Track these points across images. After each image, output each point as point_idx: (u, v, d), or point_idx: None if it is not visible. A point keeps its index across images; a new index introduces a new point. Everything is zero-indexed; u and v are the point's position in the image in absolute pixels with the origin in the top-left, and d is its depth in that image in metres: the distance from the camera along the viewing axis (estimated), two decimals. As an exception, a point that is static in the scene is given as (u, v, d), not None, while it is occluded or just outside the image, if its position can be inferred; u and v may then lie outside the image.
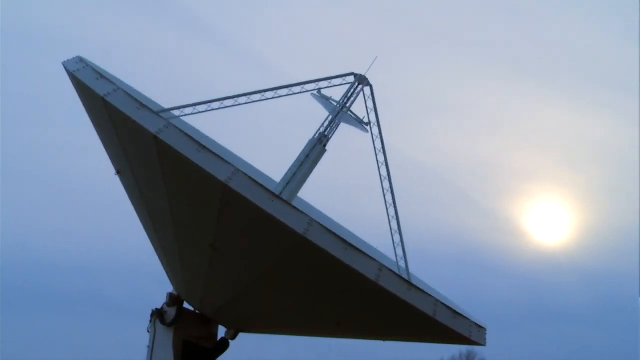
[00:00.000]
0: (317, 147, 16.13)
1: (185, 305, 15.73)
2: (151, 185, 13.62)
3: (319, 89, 16.36)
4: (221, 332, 16.05)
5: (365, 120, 16.38)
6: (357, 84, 16.18)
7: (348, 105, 16.15)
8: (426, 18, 66.03)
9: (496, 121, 66.64)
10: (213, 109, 16.26)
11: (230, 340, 15.74)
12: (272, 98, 16.22)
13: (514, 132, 66.90)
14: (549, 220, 63.55)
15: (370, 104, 16.16)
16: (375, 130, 16.17)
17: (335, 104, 16.20)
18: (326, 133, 16.44)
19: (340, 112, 15.92)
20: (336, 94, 16.76)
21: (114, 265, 62.61)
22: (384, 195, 16.00)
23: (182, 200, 13.15)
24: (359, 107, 16.63)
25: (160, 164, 12.56)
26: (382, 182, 16.05)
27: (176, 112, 15.52)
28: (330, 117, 16.67)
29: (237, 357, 16.54)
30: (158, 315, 15.60)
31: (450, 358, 44.93)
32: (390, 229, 15.99)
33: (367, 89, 16.22)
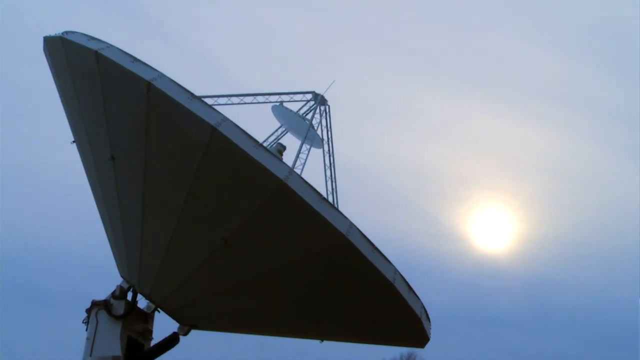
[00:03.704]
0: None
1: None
2: (168, 176, 13.42)
3: (282, 102, 17.42)
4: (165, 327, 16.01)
5: (320, 136, 17.77)
6: (317, 103, 17.56)
7: (313, 121, 17.39)
8: (377, 30, 66.66)
9: (440, 129, 68.22)
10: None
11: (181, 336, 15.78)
12: (238, 104, 16.93)
13: (458, 139, 68.22)
14: (489, 226, 65.14)
15: (330, 122, 17.63)
16: (327, 147, 17.65)
17: (303, 119, 17.33)
18: (282, 142, 17.46)
19: (309, 129, 17.03)
20: (292, 106, 17.96)
21: (45, 257, 58.23)
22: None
23: (205, 194, 13.17)
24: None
25: (203, 155, 12.62)
26: (327, 195, 17.60)
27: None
28: (283, 128, 17.81)
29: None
30: (103, 306, 15.11)
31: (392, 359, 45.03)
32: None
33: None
